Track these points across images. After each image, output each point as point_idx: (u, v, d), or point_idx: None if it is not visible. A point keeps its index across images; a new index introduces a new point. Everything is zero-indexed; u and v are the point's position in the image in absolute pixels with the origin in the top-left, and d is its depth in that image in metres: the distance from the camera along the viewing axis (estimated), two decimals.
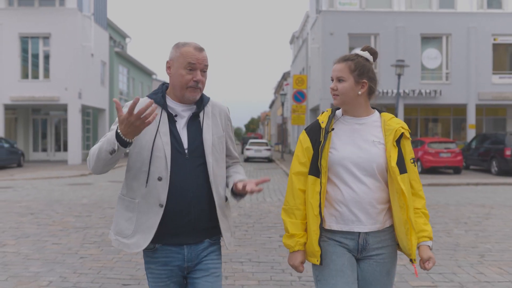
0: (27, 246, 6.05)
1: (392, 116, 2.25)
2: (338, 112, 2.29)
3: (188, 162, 2.12)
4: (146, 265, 2.20)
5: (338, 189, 2.15)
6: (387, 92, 23.14)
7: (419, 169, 18.62)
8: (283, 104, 36.58)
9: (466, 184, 14.66)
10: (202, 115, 2.22)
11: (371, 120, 2.22)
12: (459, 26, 23.84)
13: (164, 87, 2.23)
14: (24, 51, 24.34)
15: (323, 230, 2.18)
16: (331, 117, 2.23)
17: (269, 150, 28.76)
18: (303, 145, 2.24)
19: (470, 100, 23.79)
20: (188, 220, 2.11)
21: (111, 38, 31.92)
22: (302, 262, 2.23)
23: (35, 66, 24.50)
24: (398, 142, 2.17)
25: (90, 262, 5.30)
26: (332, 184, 2.18)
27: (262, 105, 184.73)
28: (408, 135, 2.20)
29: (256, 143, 29.79)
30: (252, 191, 2.05)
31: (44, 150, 28.18)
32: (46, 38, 24.25)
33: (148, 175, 2.09)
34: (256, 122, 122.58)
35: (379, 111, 2.27)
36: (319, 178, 2.16)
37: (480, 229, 7.43)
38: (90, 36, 25.22)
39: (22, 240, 6.44)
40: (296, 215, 2.21)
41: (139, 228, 2.11)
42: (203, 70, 2.15)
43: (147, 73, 40.40)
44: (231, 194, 2.24)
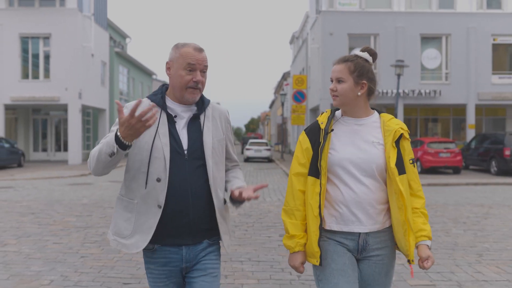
0: (28, 246, 6.09)
1: (392, 116, 2.24)
2: (338, 112, 2.28)
3: (187, 163, 2.12)
4: (146, 265, 2.21)
5: (338, 189, 2.15)
6: (387, 92, 23.17)
7: (418, 169, 18.65)
8: (283, 104, 36.63)
9: (465, 184, 14.70)
10: (203, 117, 2.21)
11: (371, 121, 2.22)
12: (458, 26, 23.87)
13: (164, 88, 2.23)
14: (25, 51, 24.38)
15: (323, 231, 2.18)
16: (331, 118, 2.22)
17: (269, 150, 28.80)
18: (303, 146, 2.24)
19: (469, 100, 23.82)
20: (186, 221, 2.10)
21: (111, 38, 31.97)
22: (302, 262, 2.23)
23: (36, 66, 24.54)
24: (397, 143, 2.17)
25: (91, 261, 5.34)
26: (332, 184, 2.17)
27: (262, 105, 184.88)
28: (407, 135, 2.20)
29: (256, 143, 29.84)
30: (249, 197, 2.06)
31: (45, 150, 28.23)
32: (47, 38, 24.29)
33: (147, 176, 2.09)
34: (256, 122, 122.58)
35: (379, 112, 2.27)
36: (318, 179, 2.16)
37: (479, 228, 7.47)
38: (90, 36, 25.26)
39: (23, 239, 6.48)
40: (296, 216, 2.21)
41: (138, 229, 2.11)
42: (203, 70, 2.15)
43: (147, 73, 40.45)
44: (230, 201, 2.24)
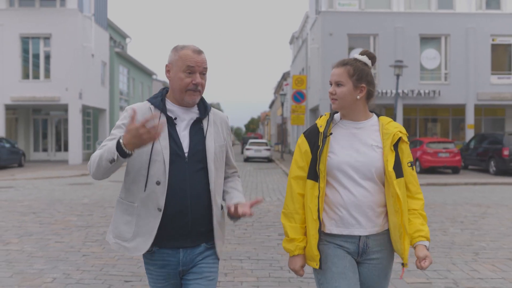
0: (31, 244, 6.16)
1: (390, 120, 2.25)
2: (336, 116, 2.29)
3: (187, 166, 2.12)
4: (145, 266, 2.22)
5: (337, 193, 2.15)
6: (386, 93, 23.24)
7: (417, 168, 18.72)
8: (282, 104, 36.71)
9: (464, 184, 14.77)
10: (206, 122, 2.22)
11: (369, 124, 2.22)
12: (458, 26, 23.93)
13: (164, 91, 2.24)
14: (25, 51, 24.45)
15: (323, 234, 2.18)
16: (329, 121, 2.23)
17: (268, 150, 28.88)
18: (302, 149, 2.24)
19: (469, 100, 23.88)
20: (185, 223, 2.11)
21: (111, 39, 32.04)
22: (302, 266, 2.24)
23: (36, 66, 24.61)
24: (395, 146, 2.17)
25: (92, 260, 5.42)
26: (331, 188, 2.18)
27: (262, 105, 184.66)
28: (406, 139, 2.20)
29: (256, 143, 29.93)
30: (244, 214, 2.09)
31: (45, 150, 28.30)
32: (47, 38, 24.36)
33: (146, 179, 2.09)
34: (256, 122, 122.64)
35: (377, 115, 2.28)
36: (317, 182, 2.16)
37: (476, 227, 7.54)
38: (90, 36, 25.33)
39: (25, 238, 6.55)
40: (295, 219, 2.22)
41: (139, 232, 2.11)
42: (202, 72, 2.15)
43: (147, 73, 40.52)
44: (227, 215, 2.24)
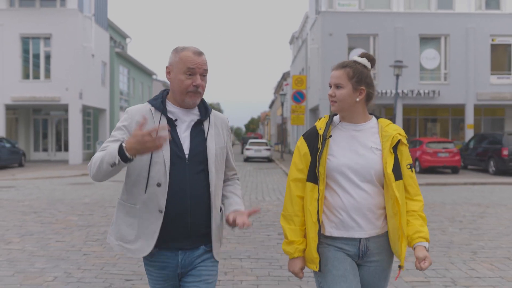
0: (32, 244, 6.20)
1: (389, 122, 2.26)
2: (336, 118, 2.29)
3: (187, 167, 2.12)
4: (145, 267, 2.23)
5: (337, 195, 2.16)
6: (386, 93, 23.29)
7: (417, 168, 18.77)
8: (282, 104, 36.76)
9: (463, 184, 14.81)
10: (207, 124, 2.22)
11: (369, 127, 2.23)
12: (457, 26, 23.98)
13: (164, 93, 2.24)
14: (25, 51, 24.50)
15: (323, 237, 2.18)
16: (329, 123, 2.23)
17: (268, 150, 28.94)
18: (301, 151, 2.24)
19: (468, 100, 23.93)
20: (185, 225, 2.11)
21: (111, 39, 32.08)
22: (302, 268, 2.24)
23: (36, 66, 24.66)
24: (395, 148, 2.18)
25: (93, 259, 5.46)
26: (331, 190, 2.18)
27: (262, 105, 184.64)
28: (405, 141, 2.21)
29: (256, 143, 29.99)
30: (243, 225, 2.09)
31: (45, 150, 28.35)
32: (47, 38, 24.40)
33: (147, 181, 2.09)
34: (256, 122, 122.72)
35: (377, 117, 2.29)
36: (317, 185, 2.16)
37: (475, 227, 7.58)
38: (90, 36, 25.37)
39: (26, 237, 6.59)
40: (295, 221, 2.22)
41: (141, 234, 2.12)
42: (203, 74, 2.15)
43: (147, 73, 40.57)
44: (226, 222, 2.24)
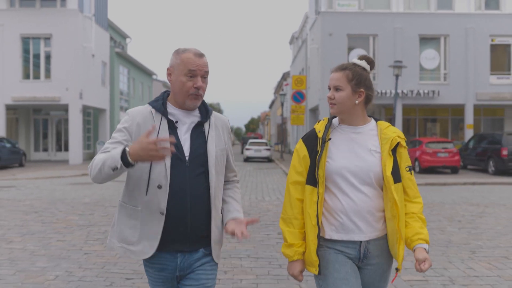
0: (33, 243, 6.24)
1: (389, 124, 2.26)
2: (335, 120, 2.28)
3: (188, 169, 2.12)
4: (145, 268, 2.23)
5: (336, 198, 2.16)
6: (386, 93, 23.33)
7: (417, 168, 18.82)
8: (282, 104, 36.81)
9: (462, 184, 14.85)
10: (207, 125, 2.22)
11: (368, 129, 2.23)
12: (457, 27, 24.02)
13: (165, 95, 2.24)
14: (26, 51, 24.54)
15: (323, 240, 2.18)
16: (328, 126, 2.23)
17: (268, 150, 28.99)
18: (300, 154, 2.24)
19: (468, 100, 23.97)
20: (184, 227, 2.11)
21: (111, 39, 32.12)
22: (301, 271, 2.24)
23: (37, 66, 24.70)
24: (394, 151, 2.18)
25: (94, 258, 5.50)
26: (330, 193, 2.18)
27: (262, 105, 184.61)
28: (404, 143, 2.21)
29: (256, 143, 30.04)
30: (243, 234, 2.11)
31: (45, 150, 28.39)
32: (47, 38, 24.45)
33: (148, 183, 2.10)
34: (256, 122, 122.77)
35: (376, 120, 2.30)
36: (316, 188, 2.16)
37: (473, 227, 7.62)
38: (91, 36, 25.42)
39: (27, 237, 6.63)
40: (294, 224, 2.22)
41: (144, 235, 2.12)
42: (204, 76, 2.15)
43: (147, 73, 40.62)
44: (224, 232, 2.25)
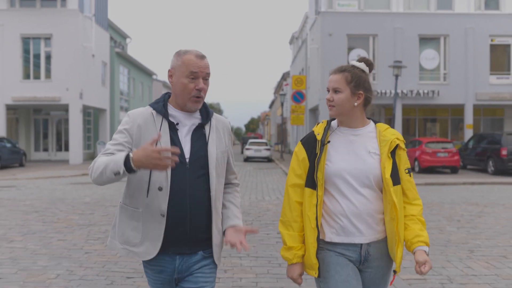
0: (34, 242, 6.27)
1: (387, 126, 2.26)
2: (334, 123, 2.28)
3: (188, 172, 2.12)
4: (144, 269, 2.22)
5: (336, 201, 2.15)
6: (385, 93, 23.36)
7: (416, 168, 18.85)
8: (282, 104, 36.84)
9: (462, 184, 14.88)
10: (208, 128, 2.22)
11: (367, 131, 2.22)
12: (457, 27, 24.05)
13: (166, 96, 2.24)
14: (26, 51, 24.57)
15: (323, 243, 2.18)
16: (327, 128, 2.22)
17: (268, 150, 29.02)
18: (299, 157, 2.23)
19: (467, 100, 24.00)
20: (184, 229, 2.11)
21: (111, 39, 32.15)
22: (300, 274, 2.24)
23: (37, 66, 24.73)
24: (393, 153, 2.17)
25: (95, 257, 5.53)
26: (330, 196, 2.17)
27: (262, 105, 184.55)
28: (403, 146, 2.21)
29: (256, 143, 30.09)
30: (242, 245, 2.12)
31: (45, 150, 28.42)
32: (48, 38, 24.48)
33: (149, 185, 2.10)
34: (256, 122, 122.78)
35: (375, 122, 2.29)
36: (315, 190, 2.16)
37: (472, 226, 7.65)
38: (91, 36, 25.45)
39: (28, 236, 6.67)
40: (293, 227, 2.21)
41: (146, 236, 2.12)
42: (205, 78, 2.14)
43: (148, 73, 40.64)
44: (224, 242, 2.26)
